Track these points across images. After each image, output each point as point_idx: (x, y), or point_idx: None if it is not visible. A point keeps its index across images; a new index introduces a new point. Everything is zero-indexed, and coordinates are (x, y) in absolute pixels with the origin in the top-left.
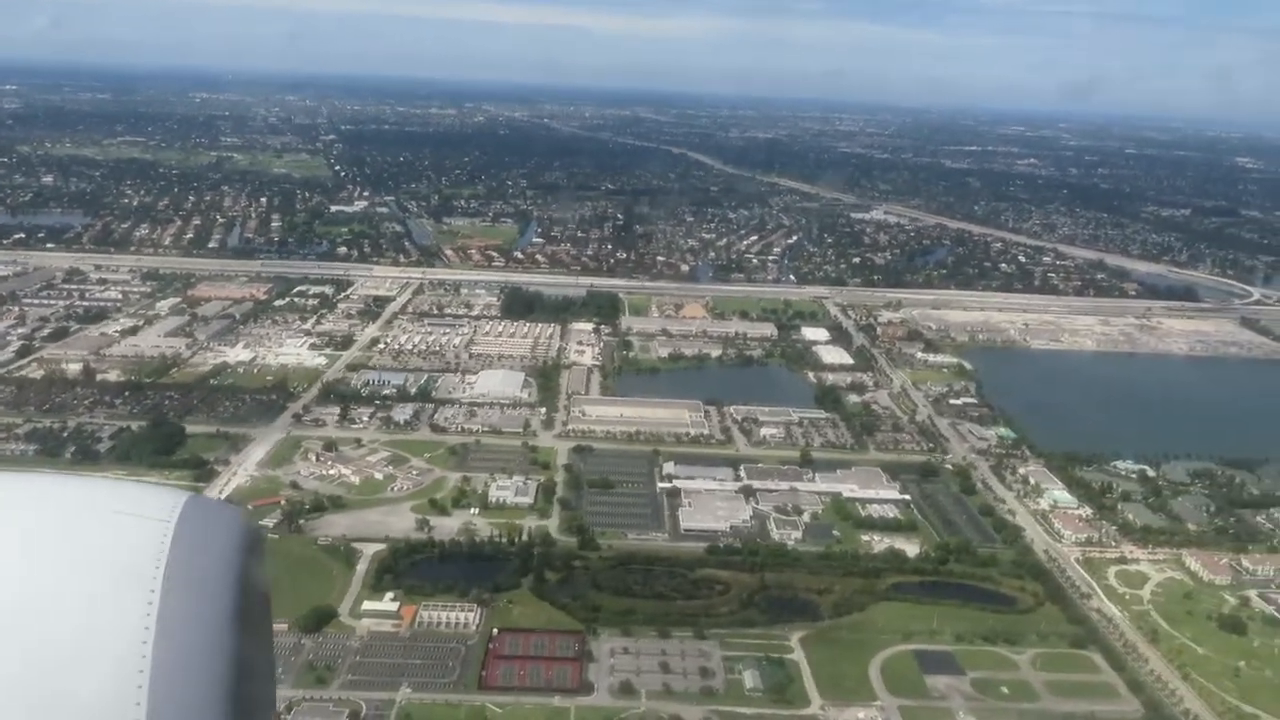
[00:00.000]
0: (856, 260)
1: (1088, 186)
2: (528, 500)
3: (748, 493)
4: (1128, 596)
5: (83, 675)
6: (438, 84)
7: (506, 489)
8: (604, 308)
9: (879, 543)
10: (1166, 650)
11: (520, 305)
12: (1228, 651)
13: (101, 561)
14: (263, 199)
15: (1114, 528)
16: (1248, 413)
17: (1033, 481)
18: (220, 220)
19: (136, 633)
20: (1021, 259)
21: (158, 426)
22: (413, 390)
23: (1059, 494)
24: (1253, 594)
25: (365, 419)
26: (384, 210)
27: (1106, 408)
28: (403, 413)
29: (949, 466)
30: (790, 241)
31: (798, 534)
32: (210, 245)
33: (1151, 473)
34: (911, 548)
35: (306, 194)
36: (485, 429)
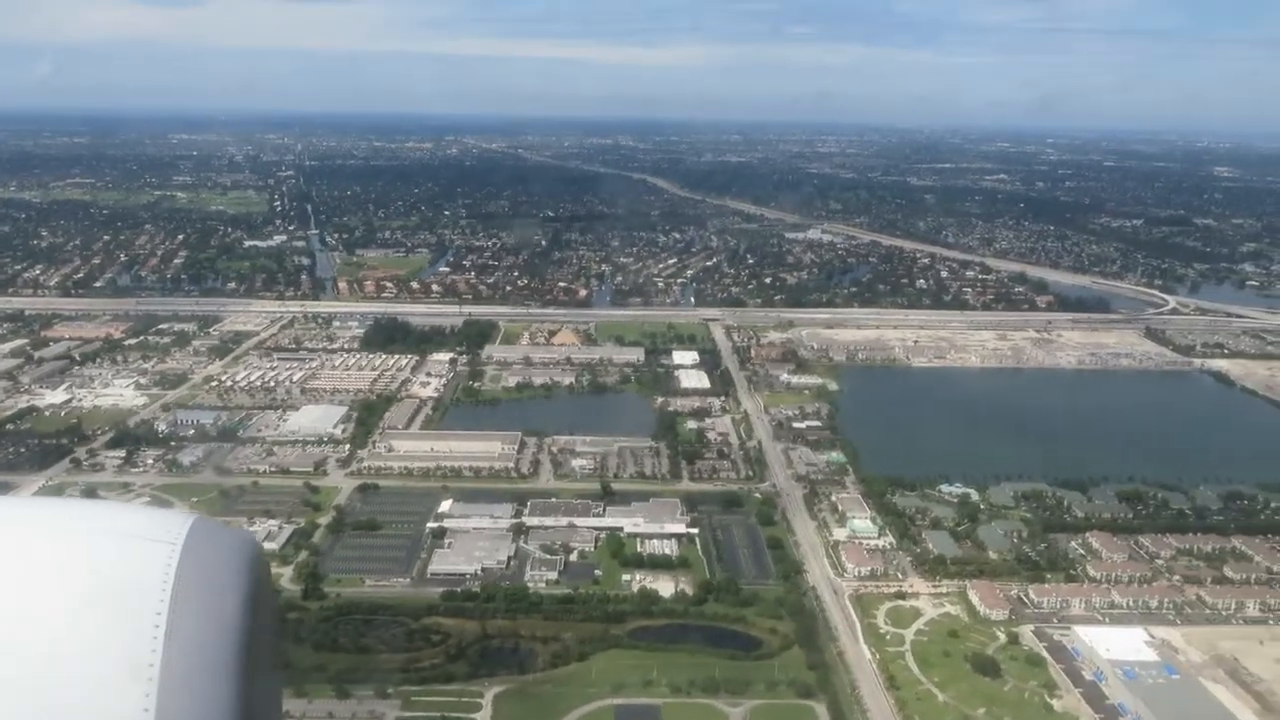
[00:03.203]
0: (768, 280)
1: (1048, 200)
2: (274, 546)
3: (519, 531)
4: (889, 636)
5: (90, 697)
6: (431, 119)
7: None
8: (474, 337)
9: (641, 582)
10: (904, 698)
11: (383, 337)
12: (972, 697)
13: (109, 584)
14: (179, 236)
15: (908, 559)
16: (1107, 428)
17: (841, 509)
18: (123, 259)
19: (144, 655)
20: (944, 274)
21: None
22: (214, 431)
23: (859, 523)
24: (1028, 629)
25: (150, 462)
26: (301, 244)
27: (960, 427)
28: (192, 454)
29: (758, 496)
30: (709, 264)
31: (553, 574)
32: (97, 284)
33: (975, 496)
34: (669, 587)
35: (229, 230)
36: (273, 469)
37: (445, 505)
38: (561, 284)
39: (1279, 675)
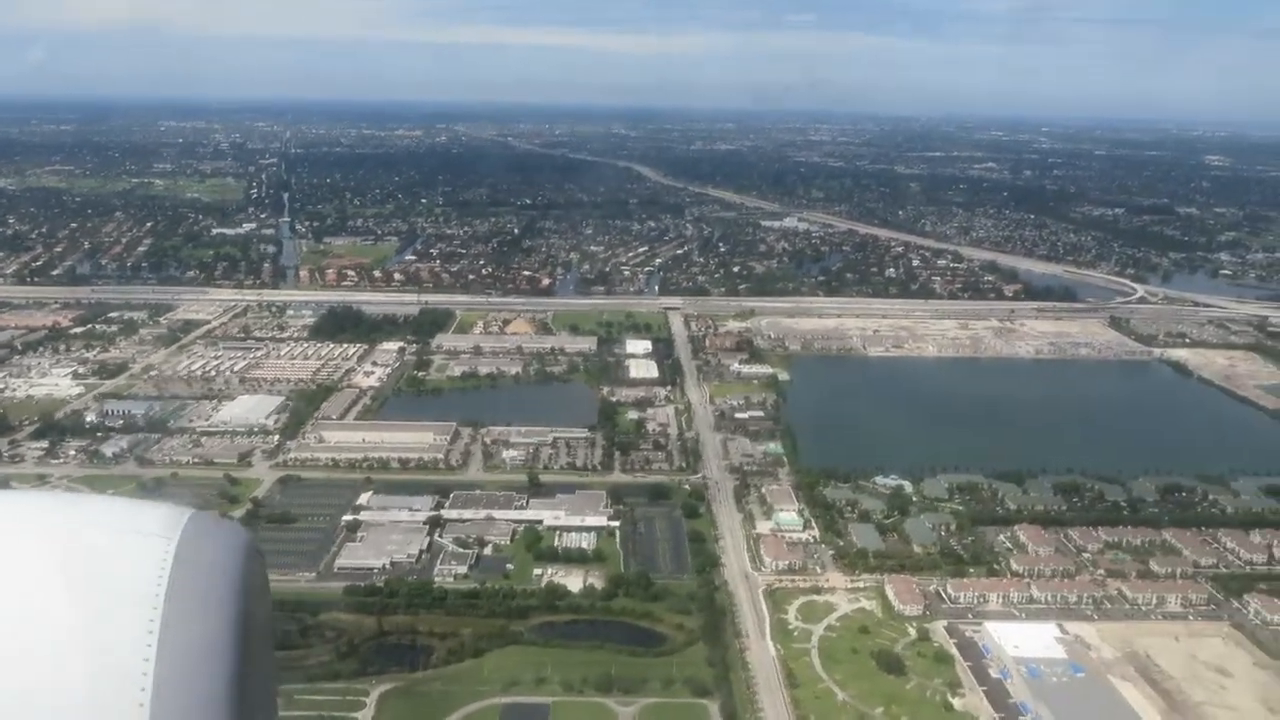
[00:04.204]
0: (736, 269)
1: (1032, 189)
2: None
3: (435, 524)
4: (797, 633)
5: (85, 692)
6: (425, 106)
7: None
8: (427, 326)
9: (552, 576)
10: (801, 696)
11: (333, 326)
12: (872, 696)
13: (104, 578)
14: (148, 224)
15: (830, 552)
16: (1055, 419)
17: (769, 502)
18: (86, 246)
19: (139, 649)
20: (915, 263)
21: None
22: (143, 422)
23: (784, 515)
24: (940, 625)
25: (72, 453)
26: (269, 231)
27: (906, 417)
28: (115, 445)
29: (686, 487)
30: (679, 252)
31: (463, 569)
32: (54, 272)
33: (909, 488)
34: (579, 582)
35: (199, 217)
36: (196, 461)
37: (364, 498)
38: (526, 272)
39: (1191, 673)
